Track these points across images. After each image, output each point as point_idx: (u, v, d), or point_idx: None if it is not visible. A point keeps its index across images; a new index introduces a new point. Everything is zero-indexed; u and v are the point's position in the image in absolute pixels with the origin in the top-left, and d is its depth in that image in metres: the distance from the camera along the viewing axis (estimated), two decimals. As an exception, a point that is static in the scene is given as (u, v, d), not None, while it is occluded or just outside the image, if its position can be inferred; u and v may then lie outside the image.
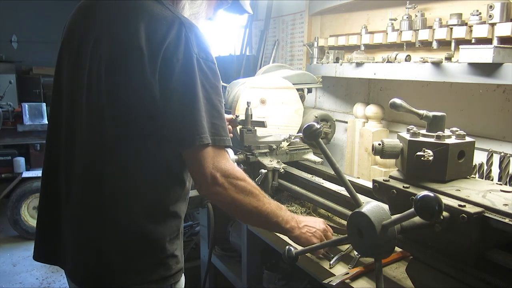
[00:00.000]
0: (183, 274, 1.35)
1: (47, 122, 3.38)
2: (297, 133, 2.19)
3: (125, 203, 1.19)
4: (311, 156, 2.05)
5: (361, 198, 1.11)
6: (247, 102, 1.99)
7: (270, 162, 1.90)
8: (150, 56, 1.11)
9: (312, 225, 1.40)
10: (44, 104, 4.60)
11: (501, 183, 1.36)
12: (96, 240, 1.21)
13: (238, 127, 2.02)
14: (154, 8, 1.16)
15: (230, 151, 1.94)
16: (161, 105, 1.13)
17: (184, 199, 1.31)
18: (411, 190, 1.09)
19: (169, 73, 1.11)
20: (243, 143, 1.98)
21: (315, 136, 1.10)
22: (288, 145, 2.07)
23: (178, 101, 1.12)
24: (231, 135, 2.07)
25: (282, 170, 1.86)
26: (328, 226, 1.46)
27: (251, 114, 1.98)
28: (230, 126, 2.05)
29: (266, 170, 1.86)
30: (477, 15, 1.74)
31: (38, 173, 4.31)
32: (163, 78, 1.12)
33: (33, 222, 4.45)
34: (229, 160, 1.22)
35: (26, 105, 4.48)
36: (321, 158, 2.00)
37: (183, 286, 1.37)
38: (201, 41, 1.16)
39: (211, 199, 1.27)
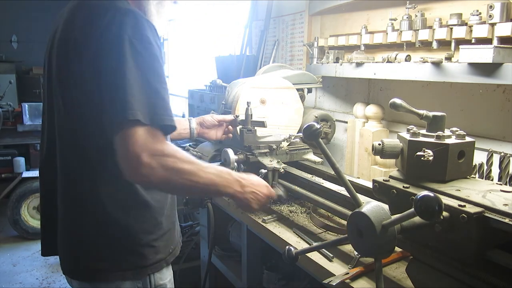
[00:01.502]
0: (169, 267, 1.38)
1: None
2: (297, 133, 2.19)
3: (96, 194, 1.24)
4: (311, 156, 2.05)
5: (361, 198, 1.11)
6: (247, 102, 1.99)
7: (270, 162, 1.90)
8: (84, 46, 1.15)
9: (258, 189, 1.44)
10: (44, 104, 4.61)
11: (501, 183, 1.36)
12: (76, 231, 1.30)
13: (238, 127, 2.02)
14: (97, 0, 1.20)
15: (230, 151, 1.94)
16: (96, 89, 1.14)
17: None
18: (411, 190, 1.09)
19: (99, 57, 1.13)
20: (243, 143, 1.98)
21: (315, 136, 1.10)
22: (288, 145, 2.07)
23: (106, 82, 1.12)
24: (231, 135, 2.09)
25: (282, 170, 1.86)
26: (272, 190, 1.56)
27: (251, 114, 1.98)
28: (230, 127, 2.07)
29: (266, 170, 1.86)
30: (477, 15, 1.74)
31: (38, 173, 4.31)
32: (95, 63, 1.14)
33: (33, 222, 4.46)
34: (162, 141, 1.13)
35: (26, 105, 4.49)
36: (321, 158, 2.00)
37: (169, 280, 1.38)
38: (137, 25, 1.14)
39: (140, 183, 1.22)
